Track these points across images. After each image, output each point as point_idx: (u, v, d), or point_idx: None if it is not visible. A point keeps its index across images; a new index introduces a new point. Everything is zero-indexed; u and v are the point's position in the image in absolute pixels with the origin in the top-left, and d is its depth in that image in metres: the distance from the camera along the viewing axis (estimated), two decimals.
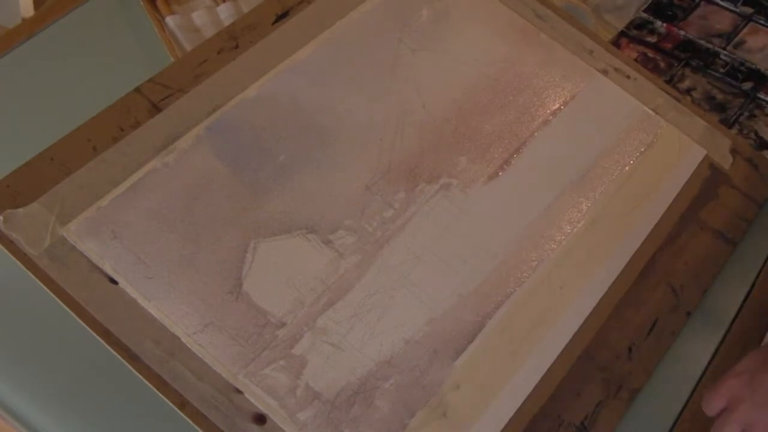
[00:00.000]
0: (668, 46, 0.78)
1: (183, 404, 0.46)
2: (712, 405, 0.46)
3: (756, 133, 0.71)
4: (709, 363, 0.57)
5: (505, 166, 0.59)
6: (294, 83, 0.58)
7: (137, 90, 0.55)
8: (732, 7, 0.82)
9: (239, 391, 0.47)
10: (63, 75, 0.69)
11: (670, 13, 0.81)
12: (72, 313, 0.47)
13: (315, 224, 0.53)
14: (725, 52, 0.78)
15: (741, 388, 0.45)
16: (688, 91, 0.75)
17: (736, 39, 0.79)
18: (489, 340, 0.52)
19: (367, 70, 0.61)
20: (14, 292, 0.56)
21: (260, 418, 0.46)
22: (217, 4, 0.74)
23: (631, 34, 0.79)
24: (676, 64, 0.77)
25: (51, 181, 0.50)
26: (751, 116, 0.73)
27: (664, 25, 0.80)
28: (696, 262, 0.59)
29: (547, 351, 0.52)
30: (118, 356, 0.46)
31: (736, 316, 0.59)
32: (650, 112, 0.65)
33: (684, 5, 0.82)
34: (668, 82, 0.74)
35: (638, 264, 0.57)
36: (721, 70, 0.76)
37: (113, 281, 0.48)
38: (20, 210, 0.49)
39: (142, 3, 0.71)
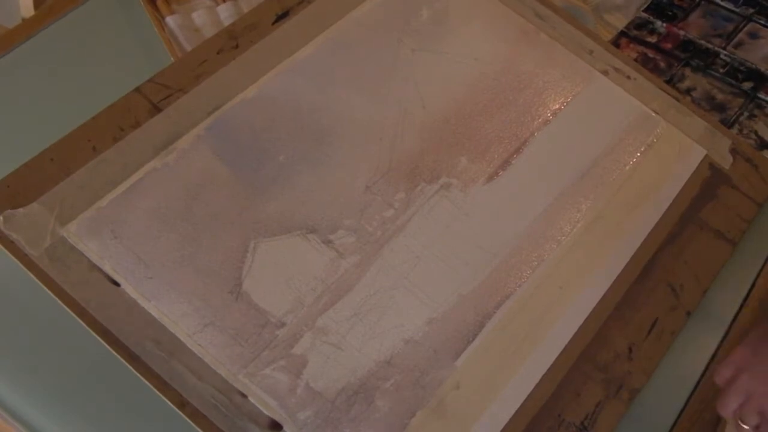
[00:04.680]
0: (668, 46, 0.78)
1: (183, 404, 0.46)
2: (721, 375, 0.47)
3: (756, 133, 0.71)
4: (709, 363, 0.57)
5: (505, 166, 0.59)
6: (294, 83, 0.58)
7: (137, 90, 0.55)
8: (732, 7, 0.82)
9: (243, 395, 0.47)
10: (63, 75, 0.69)
11: (670, 13, 0.81)
12: (72, 313, 0.47)
13: (315, 224, 0.53)
14: (725, 52, 0.78)
15: (745, 358, 0.46)
16: (688, 91, 0.75)
17: (736, 39, 0.79)
18: (489, 340, 0.52)
19: (367, 70, 0.61)
20: (14, 292, 0.56)
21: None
22: (217, 4, 0.74)
23: (631, 34, 0.79)
24: (676, 64, 0.77)
25: (51, 181, 0.50)
26: (751, 116, 0.73)
27: (665, 25, 0.80)
28: (696, 262, 0.59)
29: (547, 351, 0.52)
30: (118, 356, 0.46)
31: (736, 316, 0.59)
32: (650, 112, 0.65)
33: (684, 5, 0.82)
34: (668, 82, 0.74)
35: (638, 264, 0.57)
36: (721, 70, 0.76)
37: (113, 281, 0.48)
38: (20, 210, 0.49)
39: (142, 3, 0.71)
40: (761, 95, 0.74)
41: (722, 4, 0.82)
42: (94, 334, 0.47)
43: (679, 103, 0.66)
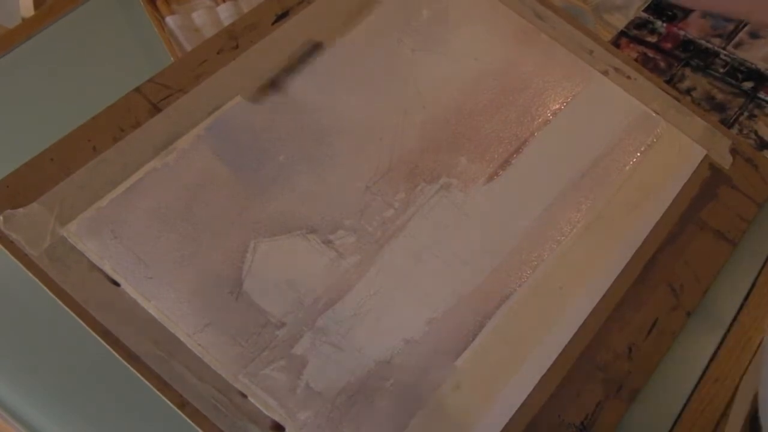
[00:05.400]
0: (668, 46, 0.78)
1: (183, 404, 0.46)
2: None
3: (756, 133, 0.71)
4: (709, 363, 0.57)
5: (505, 166, 0.59)
6: (294, 83, 0.58)
7: (137, 90, 0.55)
8: None
9: (243, 395, 0.47)
10: (63, 75, 0.69)
11: (670, 13, 0.81)
12: (72, 313, 0.47)
13: (315, 224, 0.53)
14: (725, 52, 0.78)
15: None
16: (688, 91, 0.75)
17: (736, 39, 0.79)
18: (489, 340, 0.52)
19: (367, 70, 0.61)
20: (14, 292, 0.56)
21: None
22: (217, 4, 0.74)
23: (631, 34, 0.79)
24: (676, 64, 0.77)
25: (51, 181, 0.50)
26: (751, 116, 0.73)
27: (665, 25, 0.80)
28: (696, 262, 0.59)
29: (547, 351, 0.52)
30: (118, 356, 0.46)
31: (736, 316, 0.59)
32: (650, 112, 0.65)
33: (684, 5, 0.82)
34: (668, 82, 0.74)
35: (638, 264, 0.57)
36: (721, 70, 0.76)
37: (113, 281, 0.48)
38: (20, 210, 0.49)
39: (142, 3, 0.71)
40: (761, 95, 0.74)
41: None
42: (94, 334, 0.47)
43: (679, 103, 0.66)
